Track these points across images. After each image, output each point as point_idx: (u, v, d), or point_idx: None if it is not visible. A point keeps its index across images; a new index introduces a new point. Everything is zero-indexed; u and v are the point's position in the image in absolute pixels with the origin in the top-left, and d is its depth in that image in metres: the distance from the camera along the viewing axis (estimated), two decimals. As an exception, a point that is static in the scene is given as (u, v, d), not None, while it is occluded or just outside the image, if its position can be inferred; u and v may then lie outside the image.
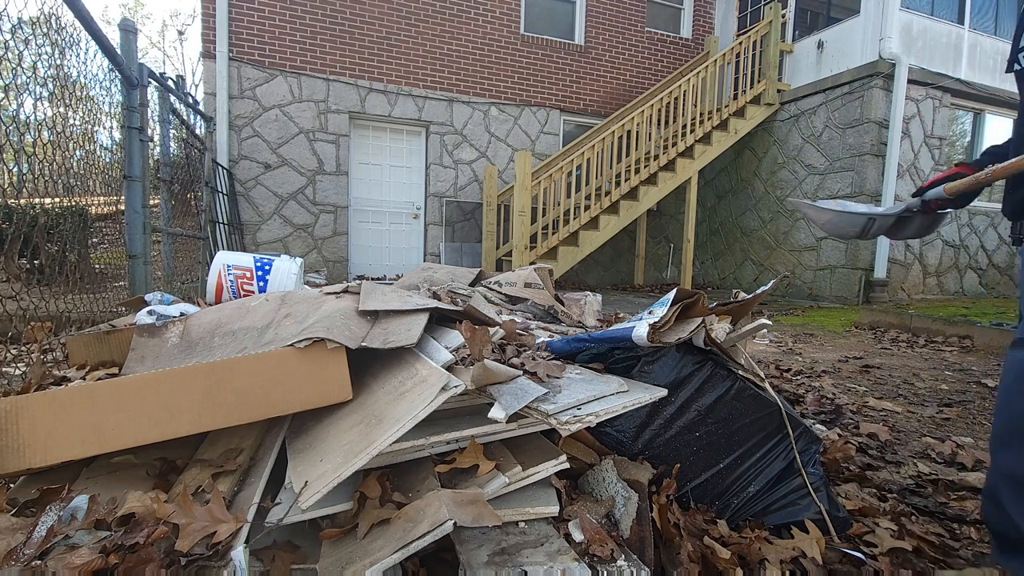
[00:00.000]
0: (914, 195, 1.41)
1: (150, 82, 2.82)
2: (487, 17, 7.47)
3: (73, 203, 2.43)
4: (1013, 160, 1.08)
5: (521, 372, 1.16)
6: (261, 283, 2.16)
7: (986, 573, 1.04)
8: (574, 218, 6.23)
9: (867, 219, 1.44)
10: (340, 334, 1.11)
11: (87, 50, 2.35)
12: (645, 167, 6.60)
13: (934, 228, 1.48)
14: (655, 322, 1.17)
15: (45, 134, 1.99)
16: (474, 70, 7.46)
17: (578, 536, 0.96)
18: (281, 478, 0.98)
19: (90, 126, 2.44)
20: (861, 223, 1.45)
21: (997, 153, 1.29)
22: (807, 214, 1.56)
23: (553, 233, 6.22)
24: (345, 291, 1.55)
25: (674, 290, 1.22)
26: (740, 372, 1.25)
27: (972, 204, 3.09)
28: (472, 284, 2.39)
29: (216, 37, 6.31)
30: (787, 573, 1.04)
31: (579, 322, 2.15)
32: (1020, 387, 0.96)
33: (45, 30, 2.06)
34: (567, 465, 1.06)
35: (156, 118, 3.30)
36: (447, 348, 1.24)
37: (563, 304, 2.27)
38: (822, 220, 1.52)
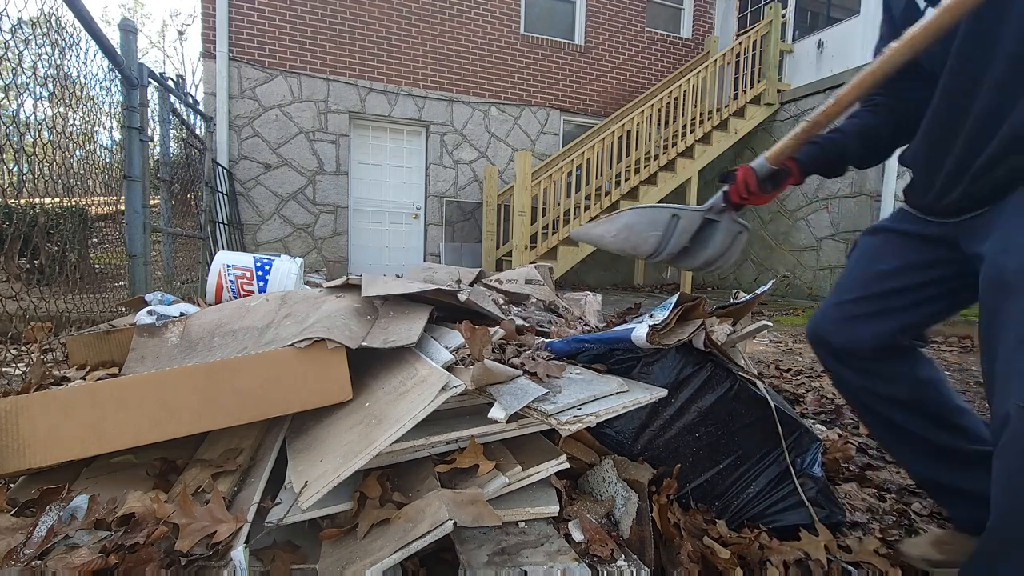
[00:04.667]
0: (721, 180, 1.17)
1: (150, 82, 2.82)
2: (487, 17, 7.47)
3: (73, 203, 2.43)
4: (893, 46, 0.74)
5: (521, 372, 1.16)
6: (261, 283, 2.15)
7: None
8: (574, 218, 6.22)
9: (671, 216, 1.24)
10: (340, 334, 1.11)
11: (87, 50, 2.35)
12: (645, 167, 6.59)
13: (735, 248, 1.24)
14: (655, 324, 1.17)
15: (45, 134, 1.99)
16: (474, 70, 7.45)
17: (578, 536, 0.96)
18: (281, 478, 0.98)
19: (90, 126, 2.44)
20: (664, 220, 1.25)
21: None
22: (598, 233, 1.30)
23: (553, 233, 6.21)
24: (346, 283, 1.55)
25: (676, 295, 1.21)
26: (740, 373, 1.25)
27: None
28: (472, 284, 2.40)
29: (216, 37, 6.31)
30: (788, 574, 1.04)
31: (580, 318, 2.16)
32: None
33: (45, 30, 2.06)
34: (567, 465, 1.06)
35: (156, 118, 3.30)
36: (447, 348, 1.24)
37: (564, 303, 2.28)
38: (617, 226, 1.27)
